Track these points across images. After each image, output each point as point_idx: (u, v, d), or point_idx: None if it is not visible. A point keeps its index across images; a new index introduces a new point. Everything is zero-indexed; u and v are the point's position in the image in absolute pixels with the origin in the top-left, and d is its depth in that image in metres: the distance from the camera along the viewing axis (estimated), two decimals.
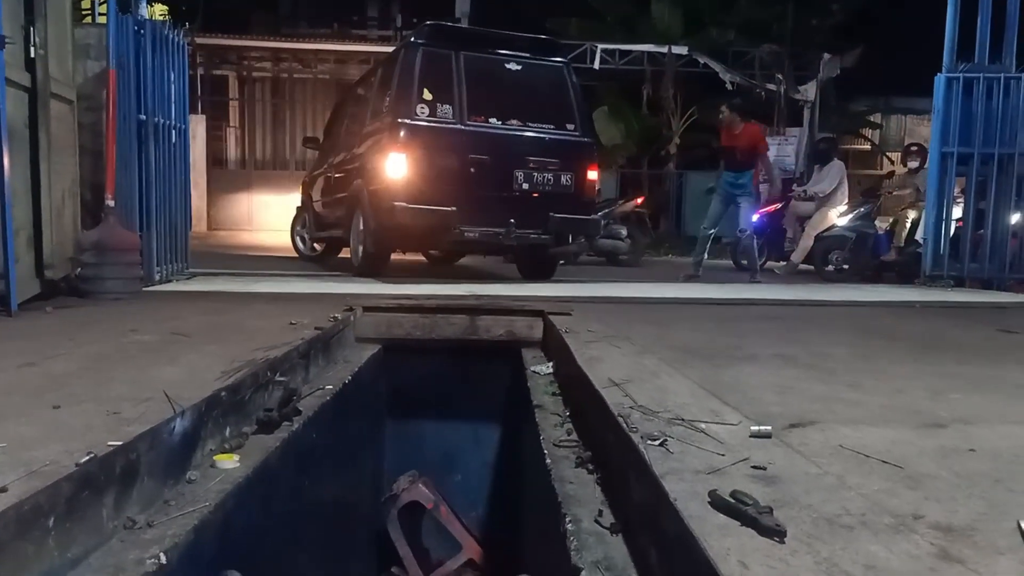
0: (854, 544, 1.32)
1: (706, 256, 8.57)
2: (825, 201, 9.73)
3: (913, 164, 9.65)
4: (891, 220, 9.47)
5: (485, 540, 4.20)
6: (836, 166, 9.90)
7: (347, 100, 9.40)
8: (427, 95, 6.59)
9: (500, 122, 6.82)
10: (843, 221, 9.49)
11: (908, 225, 9.13)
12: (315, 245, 9.77)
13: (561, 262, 8.38)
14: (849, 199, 9.83)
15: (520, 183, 6.73)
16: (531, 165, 6.78)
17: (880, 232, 9.44)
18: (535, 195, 6.80)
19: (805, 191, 9.86)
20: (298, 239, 10.18)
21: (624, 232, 10.66)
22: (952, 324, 4.82)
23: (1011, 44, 7.50)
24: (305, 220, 9.93)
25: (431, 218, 6.45)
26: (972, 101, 7.48)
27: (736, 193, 8.30)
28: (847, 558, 1.26)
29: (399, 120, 6.55)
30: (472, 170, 6.61)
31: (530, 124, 6.93)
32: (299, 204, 10.33)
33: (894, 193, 9.60)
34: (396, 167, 6.44)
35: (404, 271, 8.00)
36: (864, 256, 9.43)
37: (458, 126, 6.64)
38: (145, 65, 5.49)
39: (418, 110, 6.54)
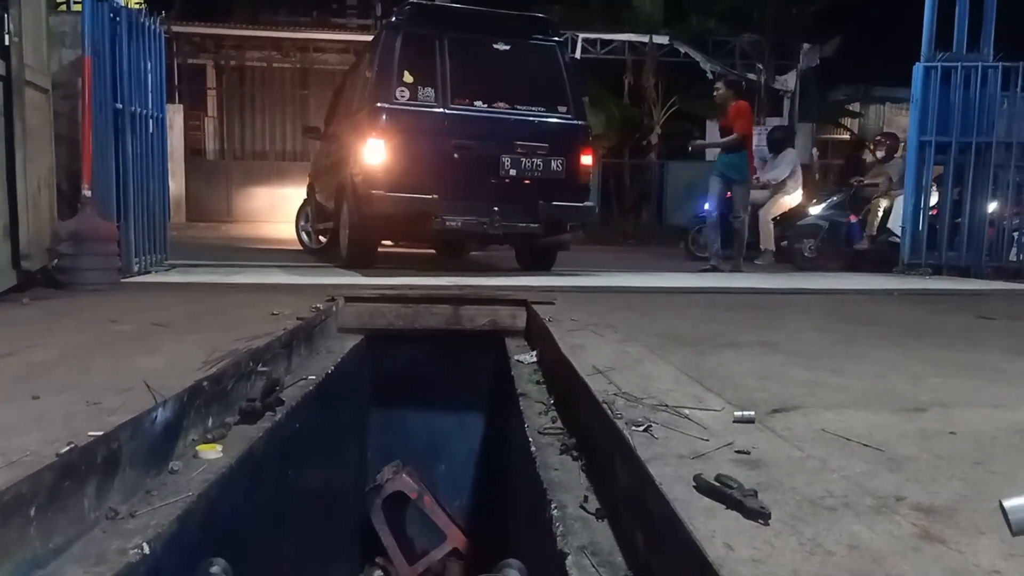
0: (837, 525, 1.33)
1: (719, 244, 8.16)
2: (779, 188, 9.80)
3: (880, 154, 9.76)
4: (864, 209, 9.54)
5: (470, 529, 4.21)
6: (789, 154, 9.98)
7: (342, 87, 9.16)
8: (408, 78, 6.37)
9: (486, 105, 6.54)
10: (816, 210, 9.56)
11: (880, 214, 9.22)
12: (320, 238, 9.42)
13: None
14: (804, 188, 9.94)
15: (507, 169, 6.44)
16: (519, 150, 6.49)
17: (853, 221, 9.51)
18: (524, 181, 6.52)
19: (758, 179, 9.90)
20: (303, 233, 9.92)
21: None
22: (931, 311, 4.87)
23: (989, 33, 7.57)
24: (308, 213, 9.74)
25: (411, 206, 6.22)
26: (950, 90, 7.55)
27: (730, 176, 7.96)
28: (830, 538, 1.28)
29: (378, 105, 6.35)
30: (455, 156, 6.38)
31: (519, 107, 6.65)
32: (305, 197, 10.12)
33: (866, 182, 9.67)
34: (374, 153, 6.24)
35: (407, 263, 7.80)
36: (837, 245, 9.51)
37: (440, 110, 6.40)
38: (121, 53, 5.41)
39: (398, 94, 6.32)
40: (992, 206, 7.71)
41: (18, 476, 1.38)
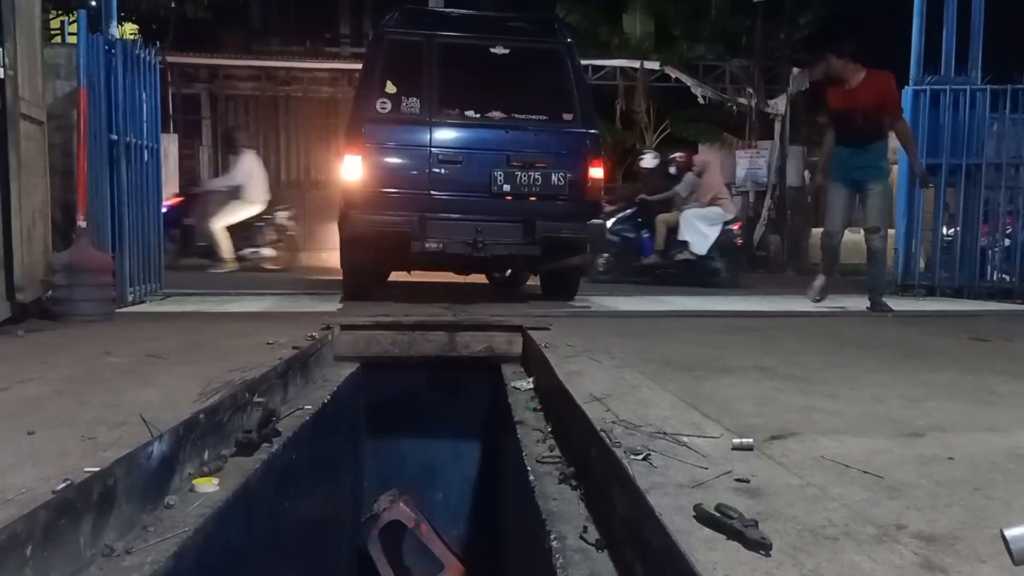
0: (839, 555, 1.33)
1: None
2: (235, 194, 9.87)
3: (672, 170, 9.89)
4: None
5: (467, 558, 4.18)
6: (246, 158, 9.99)
7: None
8: (390, 88, 5.86)
9: (478, 115, 5.97)
10: (608, 224, 9.50)
11: (665, 230, 9.32)
12: None
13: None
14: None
15: (499, 185, 5.80)
16: (514, 163, 5.86)
17: (645, 236, 9.59)
18: (519, 198, 5.86)
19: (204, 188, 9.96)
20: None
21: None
22: (925, 332, 4.88)
23: (976, 56, 7.67)
24: None
25: (388, 227, 5.70)
26: (939, 112, 7.63)
27: (862, 179, 5.87)
28: (832, 569, 1.27)
29: (356, 118, 5.91)
30: (441, 171, 5.81)
31: (516, 116, 6.02)
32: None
33: (654, 198, 9.74)
34: (352, 170, 5.75)
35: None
36: (628, 259, 9.65)
37: (425, 121, 5.84)
38: (116, 84, 5.45)
39: (379, 105, 5.82)
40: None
41: (13, 515, 1.37)
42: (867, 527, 1.46)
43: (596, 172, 6.09)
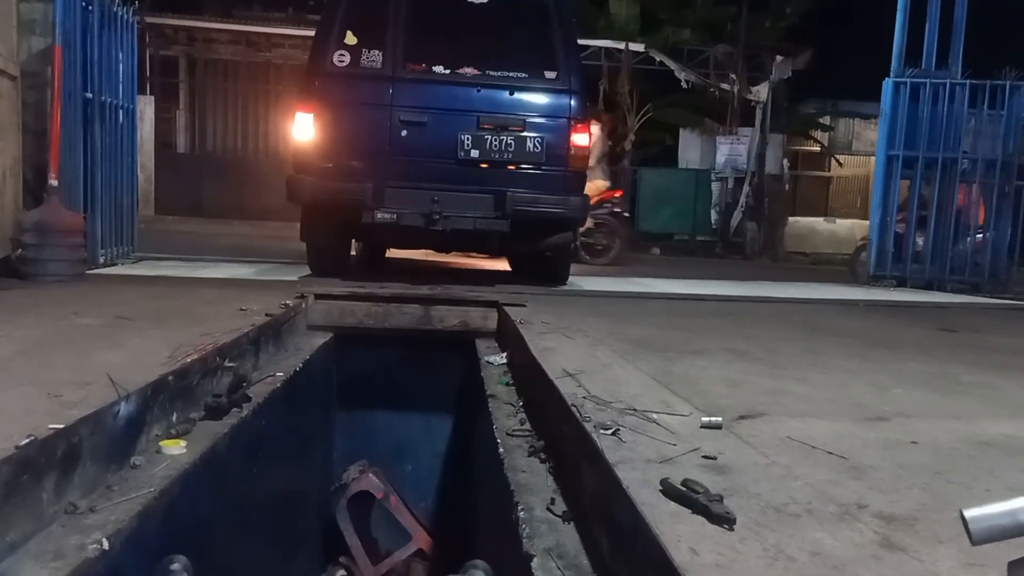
0: (800, 531, 1.35)
1: None
2: None
3: None
4: None
5: (436, 530, 4.20)
6: None
7: None
8: (350, 39, 5.26)
9: (448, 71, 5.34)
10: None
11: None
12: None
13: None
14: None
15: (466, 149, 5.20)
16: (484, 126, 5.24)
17: None
18: (489, 166, 5.27)
19: None
20: None
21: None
22: (895, 323, 4.94)
23: (957, 52, 7.72)
24: None
25: (338, 196, 5.15)
26: (919, 105, 7.67)
27: None
28: (793, 545, 1.29)
29: (310, 71, 5.37)
30: (402, 133, 5.21)
31: (491, 73, 5.38)
32: None
33: None
34: (303, 130, 5.18)
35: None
36: None
37: (387, 77, 5.25)
38: (92, 43, 5.33)
39: (335, 58, 5.22)
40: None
41: None
42: (829, 506, 1.48)
43: (580, 139, 5.41)
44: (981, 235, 7.90)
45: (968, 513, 1.06)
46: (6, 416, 1.73)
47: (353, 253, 7.20)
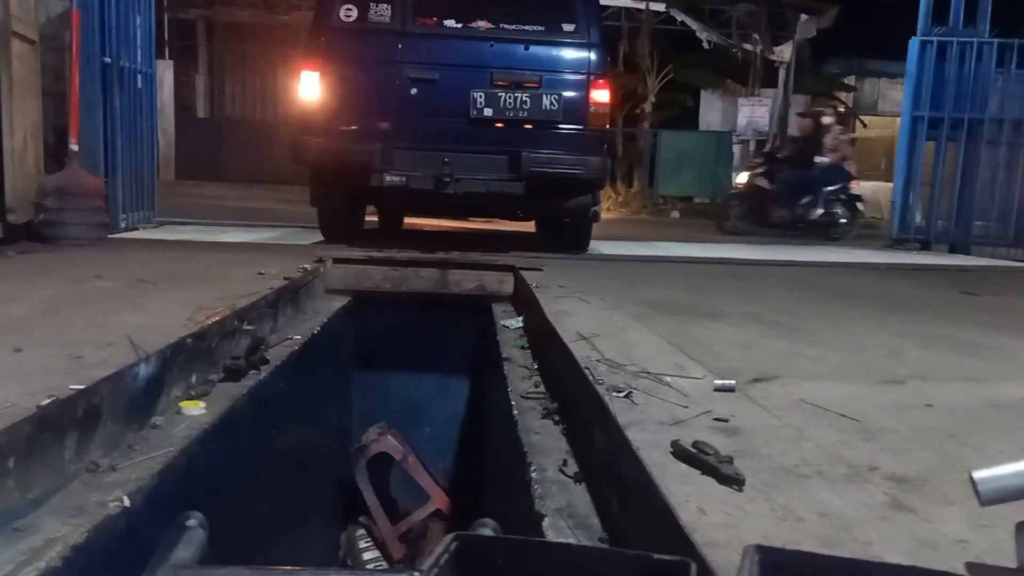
0: (809, 492, 1.36)
1: None
2: None
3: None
4: None
5: (452, 490, 4.25)
6: None
7: None
8: None
9: (460, 25, 5.13)
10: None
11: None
12: None
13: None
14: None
15: (479, 108, 4.98)
16: (498, 83, 5.01)
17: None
18: (503, 125, 5.04)
19: None
20: None
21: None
22: (915, 285, 4.90)
23: (986, 9, 7.52)
24: None
25: (345, 157, 5.02)
26: (945, 65, 7.51)
27: None
28: (802, 505, 1.30)
29: (315, 27, 5.19)
30: (412, 92, 5.03)
31: (505, 26, 5.14)
32: None
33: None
34: (308, 89, 5.03)
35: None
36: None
37: (396, 32, 5.06)
38: (110, 6, 5.33)
39: (342, 13, 5.04)
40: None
41: None
42: (840, 467, 1.49)
43: (600, 96, 5.15)
44: None
45: (977, 474, 1.06)
46: (28, 376, 1.77)
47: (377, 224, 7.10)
